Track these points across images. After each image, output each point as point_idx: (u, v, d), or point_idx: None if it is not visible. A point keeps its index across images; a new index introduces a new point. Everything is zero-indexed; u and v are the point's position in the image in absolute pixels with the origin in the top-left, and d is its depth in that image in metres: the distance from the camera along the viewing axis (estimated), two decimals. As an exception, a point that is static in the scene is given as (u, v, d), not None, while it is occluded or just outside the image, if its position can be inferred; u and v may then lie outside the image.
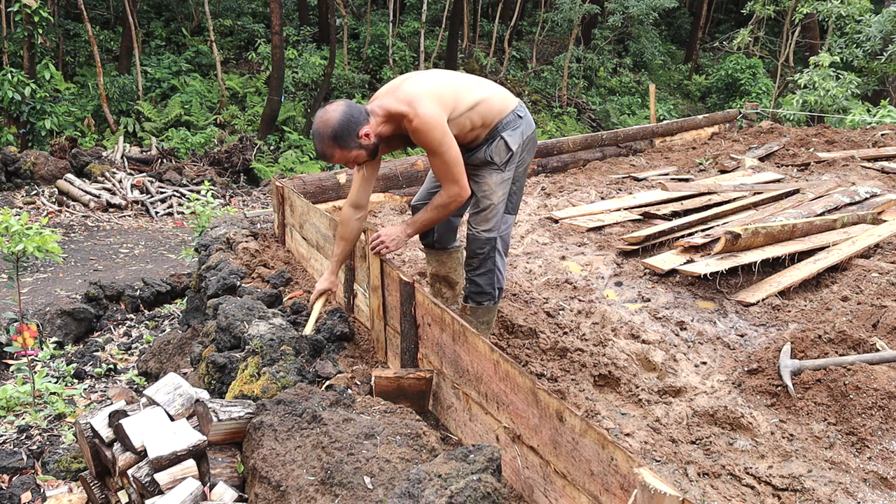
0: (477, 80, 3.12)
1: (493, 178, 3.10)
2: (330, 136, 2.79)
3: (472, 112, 2.98)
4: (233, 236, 4.78)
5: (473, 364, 2.49)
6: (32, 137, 11.97)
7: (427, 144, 2.85)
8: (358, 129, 2.80)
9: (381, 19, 20.38)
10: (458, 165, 2.89)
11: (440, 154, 2.85)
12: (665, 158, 7.62)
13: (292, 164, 13.77)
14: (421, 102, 2.80)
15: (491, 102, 3.04)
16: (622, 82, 21.72)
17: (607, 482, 1.86)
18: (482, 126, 3.04)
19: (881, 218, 5.12)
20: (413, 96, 2.83)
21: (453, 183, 2.92)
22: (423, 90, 2.86)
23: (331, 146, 2.82)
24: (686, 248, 4.44)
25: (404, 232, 3.11)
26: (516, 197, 3.22)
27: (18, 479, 3.50)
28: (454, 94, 2.92)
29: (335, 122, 2.78)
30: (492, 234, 3.13)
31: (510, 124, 3.07)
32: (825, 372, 3.05)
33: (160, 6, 18.35)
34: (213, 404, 2.53)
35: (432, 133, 2.80)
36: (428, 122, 2.79)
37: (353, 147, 2.83)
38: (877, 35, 12.80)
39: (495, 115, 3.05)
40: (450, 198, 2.95)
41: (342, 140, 2.80)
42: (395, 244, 3.11)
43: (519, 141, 3.09)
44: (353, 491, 2.10)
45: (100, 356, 5.38)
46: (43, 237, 4.26)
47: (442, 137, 2.82)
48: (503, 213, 3.15)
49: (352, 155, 2.86)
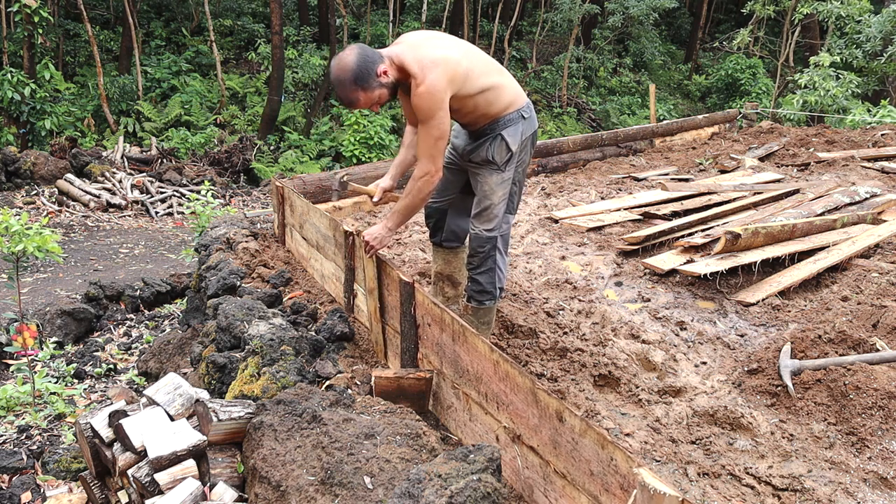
0: (495, 67, 3.11)
1: (494, 178, 3.11)
2: (351, 80, 2.80)
3: (479, 96, 2.99)
4: (233, 236, 4.78)
5: (473, 364, 2.49)
6: (32, 137, 11.97)
7: (421, 111, 2.86)
8: (376, 68, 2.82)
9: (381, 19, 20.38)
10: (440, 142, 2.90)
11: (429, 126, 2.87)
12: (665, 158, 7.62)
13: (292, 164, 13.77)
14: (433, 70, 2.81)
15: (500, 93, 3.04)
16: (622, 82, 21.71)
17: (607, 482, 1.86)
18: (484, 114, 3.05)
19: (881, 218, 5.12)
20: (429, 62, 2.83)
21: (429, 160, 2.92)
22: (439, 58, 2.86)
23: (353, 89, 2.83)
24: (686, 248, 4.44)
25: (385, 227, 3.12)
26: (517, 197, 3.23)
27: (18, 479, 3.50)
28: (466, 74, 2.92)
29: (354, 65, 2.80)
30: (493, 233, 3.14)
31: (511, 122, 3.07)
32: (825, 372, 3.05)
33: (160, 6, 18.35)
34: (213, 404, 2.53)
35: (430, 103, 2.82)
36: (431, 92, 2.81)
37: (374, 87, 2.84)
38: (877, 35, 12.79)
39: (501, 108, 3.05)
40: (421, 174, 2.95)
41: (364, 81, 2.81)
42: (378, 241, 3.13)
43: (518, 141, 3.09)
44: (353, 491, 2.10)
45: (100, 356, 5.38)
46: (43, 237, 4.26)
47: (437, 111, 2.84)
48: (506, 212, 3.17)
49: (375, 95, 2.87)
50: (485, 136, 3.09)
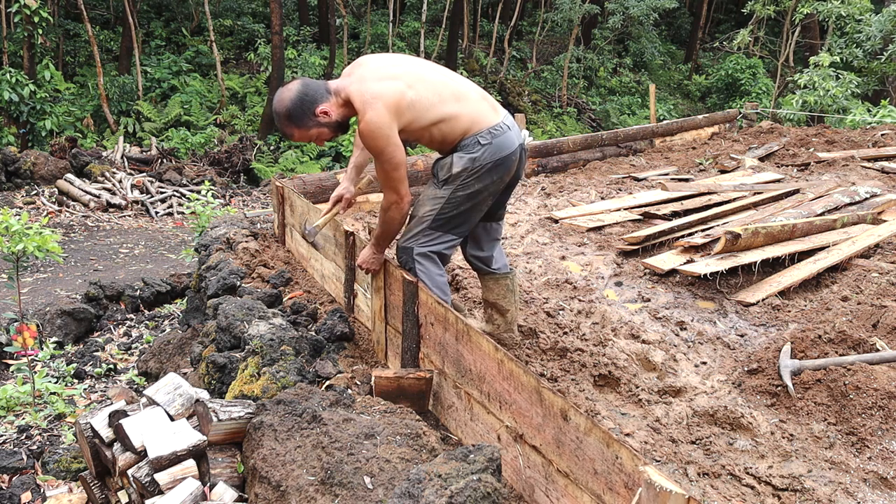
0: (454, 90, 2.93)
1: (428, 191, 3.04)
2: (285, 116, 2.79)
3: (433, 128, 2.88)
4: (233, 236, 4.78)
5: (476, 363, 2.49)
6: (32, 137, 11.97)
7: (369, 148, 2.81)
8: (314, 108, 2.77)
9: (382, 19, 20.39)
10: (396, 172, 2.82)
11: (381, 161, 2.80)
12: (665, 158, 7.62)
13: (292, 164, 13.77)
14: (372, 106, 2.72)
15: (455, 122, 2.89)
16: (622, 82, 21.72)
17: (611, 481, 1.86)
18: (442, 143, 2.95)
19: (881, 218, 5.12)
20: (369, 97, 2.73)
21: (391, 190, 2.88)
22: (379, 93, 2.75)
23: (287, 125, 2.81)
24: (686, 248, 4.44)
25: (373, 251, 3.12)
26: (458, 219, 3.01)
27: (18, 479, 3.50)
28: (411, 104, 2.79)
29: (289, 102, 2.76)
30: (407, 243, 3.02)
31: (465, 148, 2.91)
32: (825, 372, 3.05)
33: (160, 6, 18.36)
34: (213, 404, 2.53)
35: (375, 140, 2.75)
36: (372, 129, 2.73)
37: (311, 126, 2.81)
38: (877, 35, 12.80)
39: (457, 135, 2.92)
40: (387, 204, 2.92)
41: (298, 119, 2.78)
42: (371, 265, 3.13)
43: (466, 166, 2.89)
44: (353, 491, 2.10)
45: (100, 356, 5.38)
46: (43, 237, 4.26)
47: (384, 147, 2.76)
48: (428, 228, 3.01)
49: (312, 133, 2.84)
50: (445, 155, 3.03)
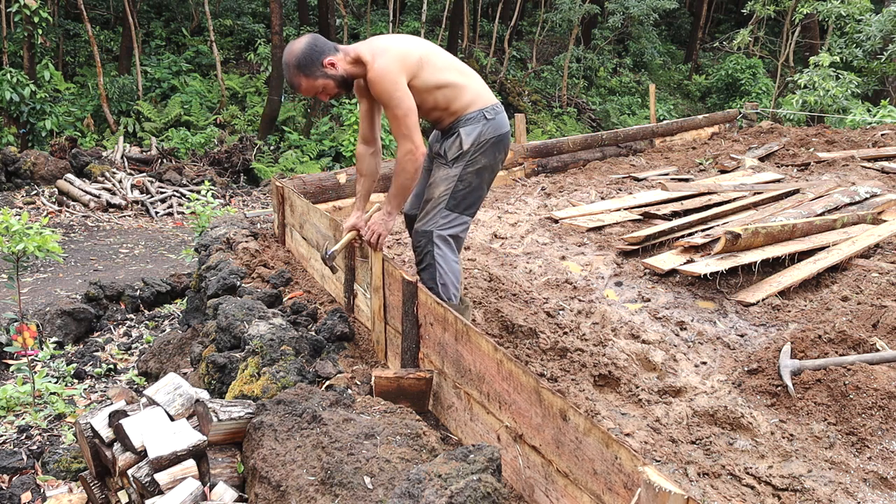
0: (458, 67, 3.13)
1: (439, 173, 3.11)
2: (294, 65, 2.89)
3: (438, 92, 3.02)
4: (233, 236, 4.78)
5: (476, 363, 2.49)
6: (32, 137, 11.96)
7: (379, 95, 2.91)
8: (322, 58, 2.89)
9: (381, 19, 20.39)
10: (407, 118, 2.90)
11: (391, 107, 2.90)
12: (665, 158, 7.62)
13: (292, 165, 13.77)
14: (383, 55, 2.89)
15: (461, 91, 3.06)
16: (622, 82, 21.71)
17: (610, 481, 1.86)
18: (446, 110, 3.07)
19: (881, 218, 5.12)
20: (378, 49, 2.92)
21: (405, 138, 2.93)
22: (390, 47, 2.94)
23: (296, 74, 2.91)
24: (686, 248, 4.44)
25: (386, 212, 3.10)
26: (470, 198, 3.12)
27: (18, 479, 3.49)
28: (420, 63, 2.97)
29: (299, 51, 2.88)
30: (427, 227, 3.10)
31: (471, 121, 3.06)
32: (825, 372, 3.05)
33: (160, 6, 18.35)
34: (213, 404, 2.53)
35: (383, 83, 2.87)
36: (381, 74, 2.86)
37: (318, 76, 2.91)
38: (877, 35, 12.80)
39: (462, 105, 3.06)
40: (402, 154, 2.95)
41: (306, 68, 2.89)
42: (383, 228, 3.09)
43: (473, 140, 3.05)
44: (353, 491, 2.10)
45: (100, 356, 5.38)
46: (43, 237, 4.26)
47: (393, 91, 2.87)
48: (444, 208, 3.09)
49: (318, 84, 2.93)
50: (448, 134, 3.12)
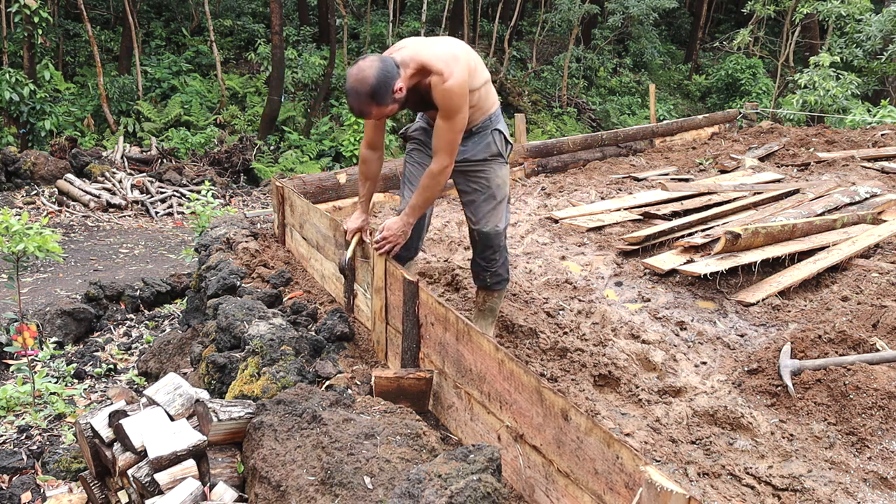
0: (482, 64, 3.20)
1: (499, 172, 3.20)
2: (368, 94, 2.76)
3: (481, 90, 3.07)
4: (233, 236, 4.78)
5: (477, 363, 2.49)
6: (32, 137, 11.96)
7: (448, 107, 2.86)
8: (393, 85, 2.79)
9: (381, 19, 20.39)
10: (459, 136, 2.95)
11: (453, 121, 2.88)
12: (665, 158, 7.62)
13: (292, 165, 13.77)
14: (457, 64, 2.86)
15: (491, 92, 3.16)
16: (622, 82, 21.70)
17: (612, 481, 1.86)
18: (480, 108, 3.11)
19: (881, 218, 5.12)
20: (451, 57, 2.87)
21: (447, 154, 2.95)
22: (458, 54, 2.92)
23: (368, 103, 2.80)
24: (686, 248, 4.44)
25: (406, 221, 3.11)
26: None
27: (18, 479, 3.49)
28: (474, 68, 3.01)
29: (373, 80, 2.73)
30: (499, 226, 3.26)
31: (500, 117, 3.19)
32: (825, 372, 3.05)
33: (160, 6, 18.35)
34: (213, 404, 2.53)
35: (458, 98, 2.85)
36: (460, 87, 2.84)
37: (389, 103, 2.83)
38: (877, 35, 12.80)
39: (492, 101, 3.15)
40: (439, 168, 2.97)
41: (381, 97, 2.78)
42: (402, 236, 3.11)
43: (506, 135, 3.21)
44: (353, 491, 2.10)
45: (100, 356, 5.37)
46: (43, 237, 4.25)
47: (462, 105, 2.88)
48: (507, 202, 3.30)
49: (387, 111, 2.88)
50: (482, 132, 3.16)
